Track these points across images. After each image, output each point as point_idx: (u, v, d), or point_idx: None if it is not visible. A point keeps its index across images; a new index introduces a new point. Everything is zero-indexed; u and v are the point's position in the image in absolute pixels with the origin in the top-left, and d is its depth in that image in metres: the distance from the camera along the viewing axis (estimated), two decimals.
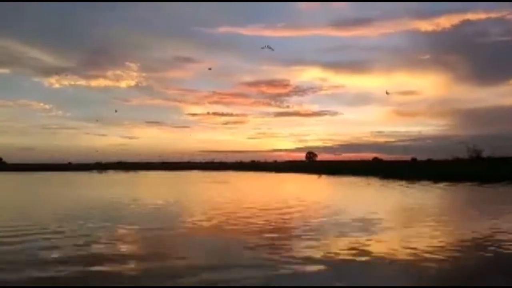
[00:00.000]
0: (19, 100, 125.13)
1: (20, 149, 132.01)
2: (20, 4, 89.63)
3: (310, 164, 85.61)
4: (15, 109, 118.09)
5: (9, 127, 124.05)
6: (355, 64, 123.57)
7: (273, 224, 11.68)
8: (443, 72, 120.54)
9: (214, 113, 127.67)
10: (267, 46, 43.68)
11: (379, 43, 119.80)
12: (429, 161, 77.20)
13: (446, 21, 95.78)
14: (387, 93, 70.52)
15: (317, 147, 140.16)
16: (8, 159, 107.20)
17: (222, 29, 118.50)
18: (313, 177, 47.41)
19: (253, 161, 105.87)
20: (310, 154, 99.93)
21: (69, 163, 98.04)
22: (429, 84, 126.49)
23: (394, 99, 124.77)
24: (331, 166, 69.05)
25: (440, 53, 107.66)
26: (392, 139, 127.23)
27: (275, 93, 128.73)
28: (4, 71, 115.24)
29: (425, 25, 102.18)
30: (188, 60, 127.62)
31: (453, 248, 8.39)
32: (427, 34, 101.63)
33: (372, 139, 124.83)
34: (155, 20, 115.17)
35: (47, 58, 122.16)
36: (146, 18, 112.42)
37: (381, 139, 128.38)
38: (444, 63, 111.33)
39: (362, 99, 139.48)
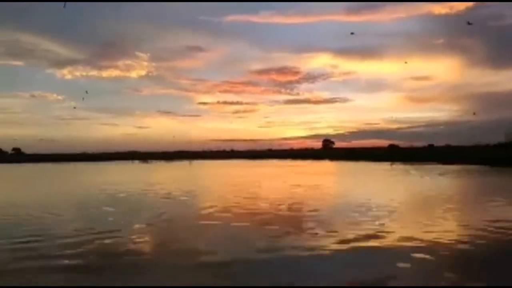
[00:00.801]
0: (33, 91, 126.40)
1: (36, 140, 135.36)
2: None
3: (327, 151, 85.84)
4: (29, 101, 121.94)
5: (25, 118, 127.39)
6: (366, 50, 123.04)
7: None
8: (457, 57, 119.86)
9: (225, 102, 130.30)
10: None
11: (391, 28, 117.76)
12: (448, 146, 77.42)
13: (460, 4, 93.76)
14: None
15: (328, 135, 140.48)
16: (26, 150, 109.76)
17: (232, 17, 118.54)
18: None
19: (269, 149, 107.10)
20: (327, 142, 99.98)
21: (105, 152, 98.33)
22: (442, 69, 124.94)
23: (407, 84, 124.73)
24: (350, 153, 70.14)
25: (454, 37, 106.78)
26: (405, 125, 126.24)
27: (286, 81, 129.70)
28: (19, 63, 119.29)
29: (439, 9, 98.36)
30: (198, 49, 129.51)
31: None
32: (440, 17, 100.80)
33: (384, 126, 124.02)
34: (165, 9, 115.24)
35: (59, 50, 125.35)
36: (156, 8, 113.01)
37: (394, 126, 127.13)
38: (458, 47, 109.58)
39: (374, 85, 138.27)
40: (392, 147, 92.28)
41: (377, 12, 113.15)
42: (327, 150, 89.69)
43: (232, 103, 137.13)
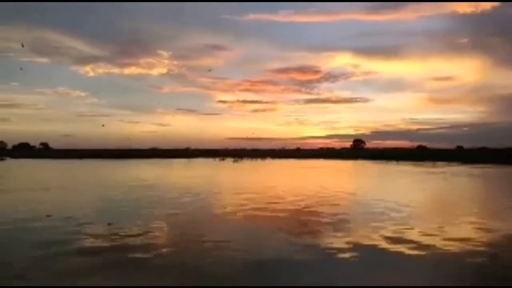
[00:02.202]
0: (57, 88, 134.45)
1: (60, 135, 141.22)
2: None
3: (357, 151, 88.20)
4: (54, 97, 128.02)
5: (49, 114, 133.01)
6: (388, 50, 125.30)
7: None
8: (481, 57, 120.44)
9: (244, 101, 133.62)
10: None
11: (414, 27, 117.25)
12: (482, 148, 77.68)
13: (486, 3, 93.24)
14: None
15: (348, 135, 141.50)
16: (52, 145, 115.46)
17: (253, 16, 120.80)
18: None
19: (298, 148, 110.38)
20: (358, 142, 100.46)
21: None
22: (466, 69, 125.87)
23: (429, 85, 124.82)
24: (381, 153, 71.94)
25: (479, 36, 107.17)
26: (426, 127, 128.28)
27: (306, 80, 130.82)
28: (44, 60, 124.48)
29: (464, 7, 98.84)
30: (218, 47, 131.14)
31: None
32: (465, 16, 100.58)
33: (405, 127, 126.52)
34: (187, 8, 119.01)
35: (83, 47, 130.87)
36: (178, 7, 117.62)
37: (414, 127, 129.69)
38: (483, 47, 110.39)
39: (395, 85, 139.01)
40: (420, 148, 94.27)
41: (399, 11, 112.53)
42: (358, 150, 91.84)
43: (251, 101, 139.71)
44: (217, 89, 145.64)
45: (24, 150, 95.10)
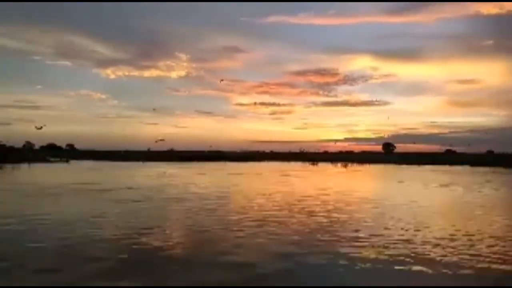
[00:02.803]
0: (79, 90, 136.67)
1: (82, 136, 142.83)
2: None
3: (389, 156, 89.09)
4: (76, 99, 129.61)
5: (72, 116, 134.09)
6: (408, 52, 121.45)
7: None
8: (506, 59, 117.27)
9: (261, 103, 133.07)
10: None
11: (435, 29, 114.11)
12: None
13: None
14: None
15: (367, 138, 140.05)
16: (77, 146, 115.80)
17: (272, 18, 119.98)
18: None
19: (325, 151, 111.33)
20: (388, 145, 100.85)
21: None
22: (489, 72, 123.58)
23: (450, 88, 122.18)
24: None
25: (504, 38, 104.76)
26: (447, 130, 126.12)
27: (323, 82, 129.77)
28: (67, 63, 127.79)
29: (489, 8, 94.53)
30: (237, 50, 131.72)
31: None
32: (490, 18, 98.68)
33: (425, 130, 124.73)
34: (206, 11, 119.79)
35: (104, 50, 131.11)
36: (197, 9, 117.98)
37: (435, 130, 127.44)
38: (508, 49, 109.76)
39: (414, 88, 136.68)
40: (448, 151, 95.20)
41: (420, 12, 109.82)
42: (388, 154, 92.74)
43: (269, 104, 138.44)
44: (235, 92, 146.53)
45: (53, 151, 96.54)
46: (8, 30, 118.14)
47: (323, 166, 57.54)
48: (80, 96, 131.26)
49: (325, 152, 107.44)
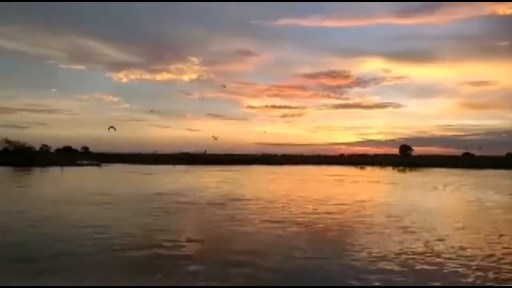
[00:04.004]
0: (93, 93, 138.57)
1: (97, 139, 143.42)
2: (94, 5, 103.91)
3: (405, 158, 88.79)
4: (89, 102, 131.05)
5: (85, 119, 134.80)
6: (421, 54, 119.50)
7: None
8: None
9: (273, 106, 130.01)
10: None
11: (448, 31, 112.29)
12: None
13: None
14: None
15: (379, 141, 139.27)
16: (92, 149, 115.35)
17: (282, 21, 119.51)
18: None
19: (342, 155, 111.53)
20: (406, 148, 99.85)
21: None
22: (504, 73, 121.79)
23: (464, 90, 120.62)
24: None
25: None
26: (461, 133, 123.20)
27: (335, 85, 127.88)
28: (80, 67, 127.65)
29: (504, 9, 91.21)
30: (248, 53, 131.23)
31: None
32: (505, 18, 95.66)
33: (438, 133, 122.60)
34: (217, 14, 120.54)
35: (116, 54, 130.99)
36: (208, 13, 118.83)
37: (448, 133, 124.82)
38: None
39: (427, 90, 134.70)
40: (466, 155, 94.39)
41: (433, 13, 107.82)
42: (405, 157, 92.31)
43: (280, 107, 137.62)
44: (246, 95, 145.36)
45: (68, 154, 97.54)
46: (23, 35, 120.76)
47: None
48: (93, 99, 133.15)
49: (341, 156, 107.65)
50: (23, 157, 57.25)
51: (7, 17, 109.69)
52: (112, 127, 48.44)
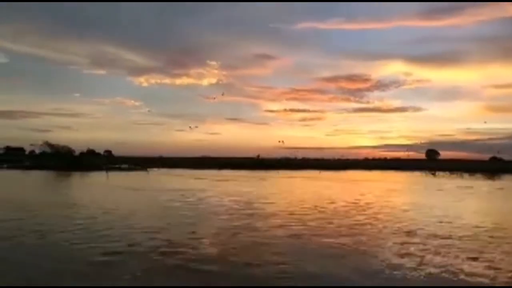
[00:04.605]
0: (114, 98, 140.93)
1: (119, 143, 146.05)
2: (115, 10, 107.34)
3: (432, 163, 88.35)
4: (111, 107, 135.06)
5: (107, 123, 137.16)
6: (442, 56, 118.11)
7: None
8: None
9: (292, 110, 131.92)
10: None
11: (471, 32, 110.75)
12: None
13: None
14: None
15: (399, 145, 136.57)
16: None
17: (302, 25, 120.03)
18: None
19: (366, 158, 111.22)
20: (433, 152, 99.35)
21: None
22: None
23: (488, 93, 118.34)
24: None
25: None
26: (485, 137, 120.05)
27: (355, 88, 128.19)
28: (102, 72, 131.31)
29: None
30: (267, 57, 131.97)
31: None
32: None
33: (461, 137, 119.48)
34: (236, 18, 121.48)
35: (137, 59, 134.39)
36: (228, 17, 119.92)
37: (471, 137, 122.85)
38: None
39: (449, 93, 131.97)
40: (494, 159, 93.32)
41: (455, 15, 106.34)
42: (432, 161, 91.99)
43: (299, 110, 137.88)
44: (265, 98, 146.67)
45: (106, 158, 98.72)
46: (48, 42, 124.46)
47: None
48: (115, 103, 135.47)
49: (366, 159, 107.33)
50: (66, 160, 57.91)
51: (33, 25, 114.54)
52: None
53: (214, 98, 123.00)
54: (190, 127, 60.71)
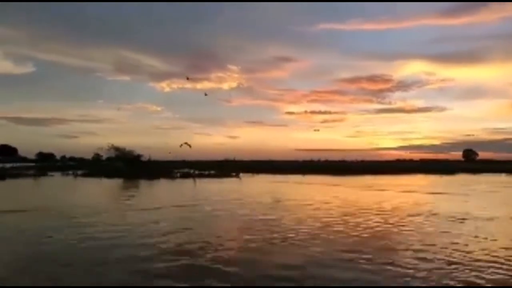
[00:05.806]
0: (137, 103, 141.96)
1: (144, 147, 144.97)
2: (136, 17, 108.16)
3: (469, 164, 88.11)
4: (133, 112, 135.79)
5: (130, 128, 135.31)
6: (466, 55, 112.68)
7: None
8: None
9: (312, 112, 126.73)
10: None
11: (496, 29, 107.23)
12: None
13: None
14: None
15: (422, 146, 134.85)
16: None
17: (321, 26, 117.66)
18: None
19: (398, 160, 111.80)
20: (469, 152, 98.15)
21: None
22: None
23: None
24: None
25: None
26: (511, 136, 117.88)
27: (376, 89, 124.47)
28: (125, 78, 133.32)
29: None
30: (287, 59, 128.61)
31: None
32: None
33: (486, 137, 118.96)
34: (255, 21, 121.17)
35: (158, 64, 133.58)
36: (246, 20, 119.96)
37: (498, 137, 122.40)
38: None
39: (474, 92, 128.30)
40: None
41: (478, 13, 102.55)
42: (470, 162, 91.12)
43: (320, 112, 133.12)
44: (285, 101, 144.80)
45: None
46: (73, 50, 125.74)
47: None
48: (137, 108, 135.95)
49: (398, 161, 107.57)
50: (134, 166, 55.79)
51: (58, 33, 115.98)
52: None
53: (230, 102, 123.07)
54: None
